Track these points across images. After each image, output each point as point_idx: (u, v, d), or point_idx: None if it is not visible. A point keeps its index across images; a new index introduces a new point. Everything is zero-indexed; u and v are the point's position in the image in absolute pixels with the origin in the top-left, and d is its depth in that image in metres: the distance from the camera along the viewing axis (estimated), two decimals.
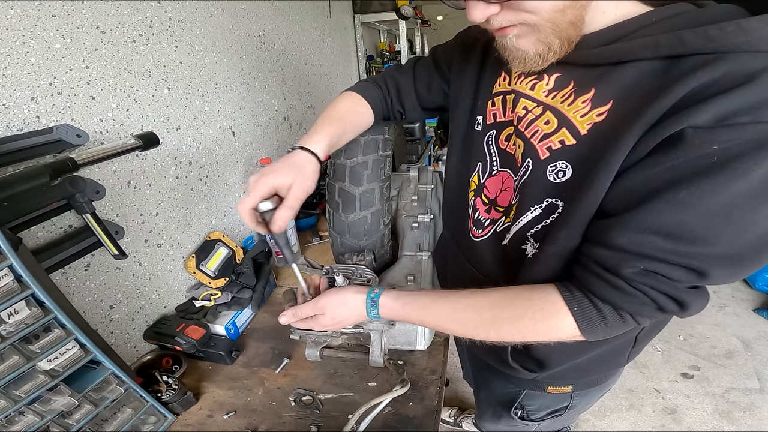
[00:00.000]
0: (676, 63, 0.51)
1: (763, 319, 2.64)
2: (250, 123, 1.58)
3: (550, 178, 0.63)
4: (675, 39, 0.50)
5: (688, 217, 0.49)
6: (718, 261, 0.51)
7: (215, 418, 0.96)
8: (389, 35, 4.25)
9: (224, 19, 1.40)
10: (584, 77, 0.60)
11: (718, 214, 0.48)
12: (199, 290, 1.23)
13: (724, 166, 0.46)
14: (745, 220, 0.48)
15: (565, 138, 0.61)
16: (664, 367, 2.34)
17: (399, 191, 1.28)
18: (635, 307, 0.58)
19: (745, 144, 0.45)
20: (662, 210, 0.50)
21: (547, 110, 0.64)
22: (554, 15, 0.54)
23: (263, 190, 0.72)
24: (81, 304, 0.95)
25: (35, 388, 0.69)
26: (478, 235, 0.82)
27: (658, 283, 0.54)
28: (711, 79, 0.47)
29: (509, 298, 0.68)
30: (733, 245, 0.50)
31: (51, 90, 0.85)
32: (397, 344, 1.01)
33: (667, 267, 0.53)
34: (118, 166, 1.01)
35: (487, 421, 1.18)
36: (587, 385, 0.92)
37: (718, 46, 0.47)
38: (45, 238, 0.87)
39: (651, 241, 0.52)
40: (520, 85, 0.69)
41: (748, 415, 2.06)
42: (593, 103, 0.58)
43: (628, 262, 0.54)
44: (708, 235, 0.49)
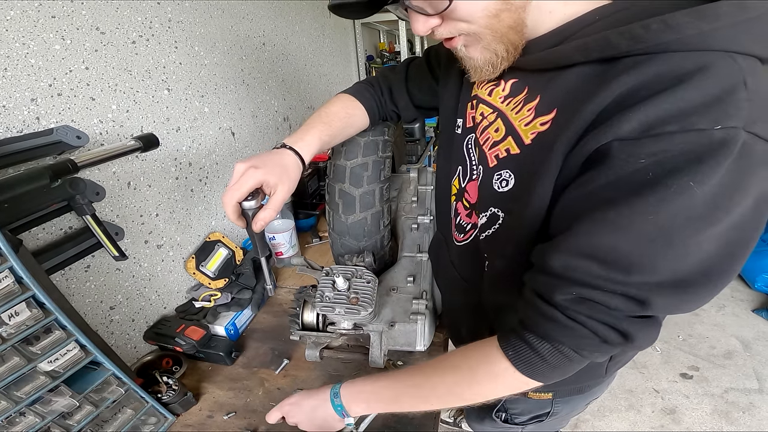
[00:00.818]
0: (612, 66, 0.47)
1: (762, 319, 2.64)
2: (249, 124, 1.58)
3: (495, 186, 0.62)
4: (602, 41, 0.46)
5: (621, 240, 0.45)
6: (660, 289, 0.46)
7: (215, 418, 0.96)
8: (389, 36, 4.24)
9: (224, 19, 1.40)
10: (536, 83, 0.57)
11: (654, 238, 0.43)
12: (198, 291, 1.23)
13: (656, 184, 0.41)
14: (687, 244, 0.43)
15: (510, 147, 0.59)
16: (664, 368, 2.34)
17: (399, 192, 1.28)
18: (575, 341, 0.53)
19: (677, 157, 0.41)
20: (592, 232, 0.46)
21: (499, 117, 0.63)
22: (490, 21, 0.52)
23: (250, 184, 0.71)
24: (81, 306, 0.95)
25: (36, 389, 0.69)
26: (461, 239, 0.80)
27: (594, 312, 0.50)
28: (639, 82, 0.43)
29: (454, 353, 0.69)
30: (676, 272, 0.45)
31: (51, 91, 0.85)
32: (397, 345, 1.01)
33: (603, 294, 0.48)
34: (118, 167, 1.01)
35: (473, 421, 1.18)
36: (568, 393, 0.89)
37: (646, 46, 0.43)
38: (45, 240, 0.87)
39: (584, 266, 0.47)
40: (480, 90, 0.69)
41: (747, 415, 2.06)
42: (537, 111, 0.55)
43: (560, 288, 0.50)
44: (645, 262, 0.45)
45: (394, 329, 0.97)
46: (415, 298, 0.99)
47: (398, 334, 0.98)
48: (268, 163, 0.74)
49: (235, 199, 0.71)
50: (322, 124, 0.86)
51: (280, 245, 1.44)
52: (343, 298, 0.89)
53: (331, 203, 1.06)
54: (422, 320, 0.97)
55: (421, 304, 0.98)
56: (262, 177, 0.72)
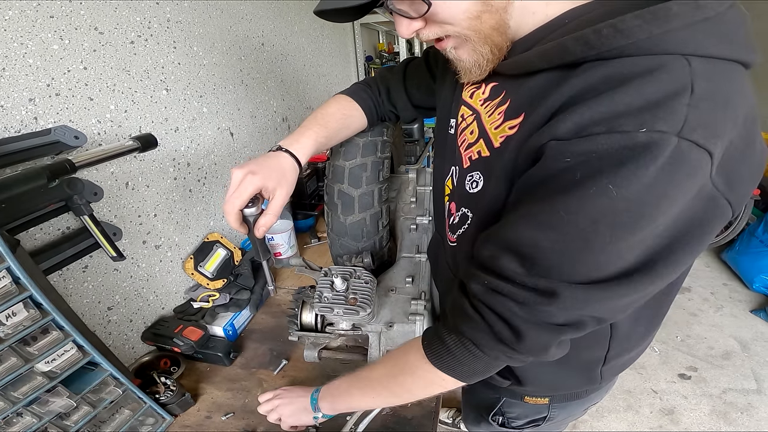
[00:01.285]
0: (571, 71, 0.46)
1: (760, 320, 2.64)
2: (248, 124, 1.58)
3: (467, 187, 0.63)
4: (559, 47, 0.46)
5: (541, 237, 0.45)
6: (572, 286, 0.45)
7: (213, 419, 0.96)
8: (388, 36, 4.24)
9: (223, 20, 1.40)
10: (510, 87, 0.57)
11: (573, 239, 0.43)
12: (197, 291, 1.23)
13: (580, 185, 0.41)
14: (606, 250, 0.43)
15: (482, 149, 0.60)
16: (662, 368, 2.35)
17: (397, 193, 1.28)
18: (474, 334, 0.54)
19: (600, 159, 0.40)
20: (516, 225, 0.47)
21: (475, 120, 0.63)
22: (472, 23, 0.52)
23: (249, 191, 0.71)
24: (79, 306, 0.95)
25: (33, 390, 0.69)
26: (453, 239, 0.78)
27: (496, 304, 0.50)
28: (587, 85, 0.43)
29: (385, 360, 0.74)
30: (591, 275, 0.45)
31: (49, 91, 0.85)
32: (396, 346, 1.00)
33: (513, 287, 0.48)
34: (116, 167, 1.01)
35: (470, 424, 1.17)
36: (564, 399, 0.89)
37: (599, 52, 0.42)
38: (43, 240, 0.87)
39: (505, 259, 0.48)
40: (464, 92, 0.69)
41: (746, 415, 2.06)
42: (506, 115, 0.56)
43: (476, 277, 0.52)
44: (563, 261, 0.45)
45: (393, 330, 0.96)
46: (414, 298, 0.99)
47: (397, 334, 0.98)
48: (265, 168, 0.74)
49: (236, 207, 0.71)
50: (318, 126, 0.86)
51: (279, 246, 1.44)
52: (342, 298, 0.89)
53: (329, 204, 1.06)
54: (421, 321, 0.96)
55: (419, 304, 0.97)
56: (261, 182, 0.72)
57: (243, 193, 0.71)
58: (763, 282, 2.75)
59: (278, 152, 0.79)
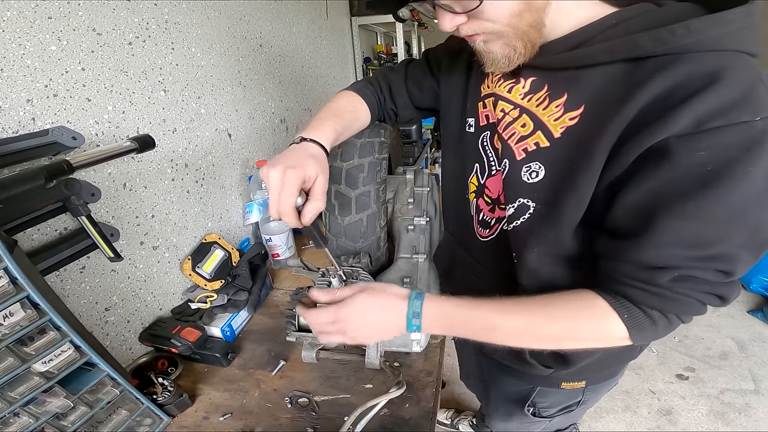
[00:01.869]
0: (639, 65, 0.53)
1: (758, 320, 2.65)
2: (246, 125, 1.58)
3: (524, 178, 0.65)
4: (629, 43, 0.52)
5: (702, 227, 0.51)
6: (740, 258, 0.52)
7: (211, 419, 0.96)
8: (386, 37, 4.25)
9: (221, 21, 1.41)
10: (557, 81, 0.62)
11: (732, 219, 0.50)
12: (195, 292, 1.23)
13: (722, 174, 0.47)
14: (759, 217, 0.50)
15: (540, 140, 0.63)
16: (660, 369, 2.35)
17: (395, 194, 1.28)
18: (681, 308, 0.59)
19: (731, 148, 0.47)
20: (675, 226, 0.52)
21: (524, 113, 0.66)
22: (513, 20, 0.56)
23: (296, 185, 0.68)
24: (76, 306, 0.95)
25: (30, 390, 0.69)
26: (486, 235, 0.82)
27: (695, 284, 0.56)
28: (675, 83, 0.49)
29: (558, 301, 0.66)
30: (752, 241, 0.52)
31: (47, 92, 0.85)
32: (393, 346, 1.01)
33: (698, 271, 0.54)
34: (113, 168, 1.01)
35: (498, 420, 1.17)
36: (600, 380, 0.93)
37: (669, 48, 0.49)
38: (40, 241, 0.87)
39: (675, 253, 0.53)
40: (499, 88, 0.72)
41: (743, 416, 2.07)
42: (566, 107, 0.60)
43: (661, 274, 0.56)
44: (726, 239, 0.51)
45: None
46: None
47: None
48: (299, 159, 0.72)
49: (291, 204, 0.69)
50: (334, 117, 0.85)
51: (277, 247, 1.44)
52: None
53: (327, 204, 1.07)
54: None
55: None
56: (303, 173, 0.70)
57: (291, 188, 0.68)
58: (761, 282, 2.76)
59: (303, 143, 0.77)
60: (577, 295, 0.65)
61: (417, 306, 0.69)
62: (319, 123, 0.82)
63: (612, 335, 0.62)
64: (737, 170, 0.47)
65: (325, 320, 0.73)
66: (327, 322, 0.73)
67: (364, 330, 0.72)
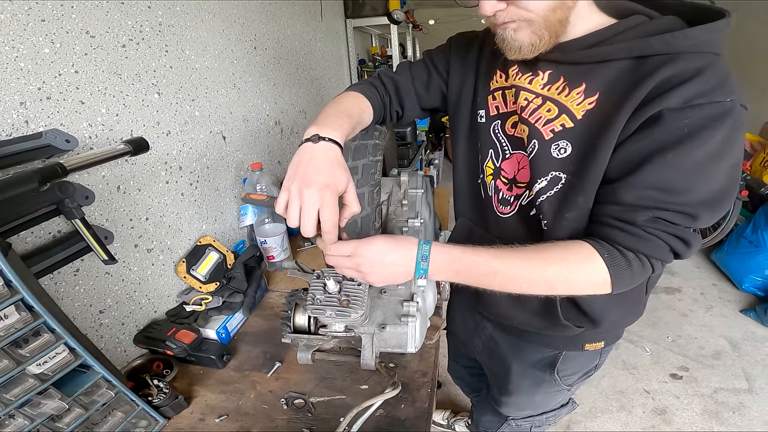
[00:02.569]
0: (643, 62, 0.67)
1: (750, 319, 2.68)
2: (241, 128, 1.59)
3: (554, 154, 0.75)
4: (644, 44, 0.66)
5: (674, 174, 0.64)
6: (700, 206, 0.65)
7: (207, 421, 0.96)
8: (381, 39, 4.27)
9: (215, 23, 1.41)
10: (572, 74, 0.74)
11: (694, 171, 0.64)
12: (189, 295, 1.23)
13: (694, 135, 0.62)
14: (710, 173, 0.64)
15: (565, 122, 0.74)
16: (654, 368, 2.37)
17: (389, 196, 1.28)
18: (652, 250, 0.69)
19: (705, 118, 0.61)
20: (655, 170, 0.65)
21: (547, 100, 0.76)
22: (547, 13, 0.67)
23: (335, 203, 0.69)
24: (70, 309, 0.95)
25: (25, 392, 0.69)
26: (506, 211, 0.91)
27: (666, 227, 0.67)
28: (671, 73, 0.63)
29: (550, 247, 0.75)
30: (706, 193, 0.65)
31: (40, 95, 0.85)
32: (389, 347, 1.01)
33: (669, 213, 0.66)
34: (107, 171, 1.01)
35: (522, 395, 1.18)
36: (613, 339, 1.04)
37: (672, 48, 0.64)
38: (34, 243, 0.86)
39: (651, 195, 0.66)
40: (519, 80, 0.81)
41: (737, 415, 2.09)
42: (585, 94, 0.72)
43: (639, 213, 0.67)
44: (688, 187, 0.64)
45: (385, 331, 0.97)
46: (405, 300, 1.00)
47: (389, 336, 0.98)
48: (329, 172, 0.70)
49: (336, 225, 0.71)
50: (345, 116, 0.83)
51: (272, 249, 1.44)
52: (334, 300, 0.89)
53: None
54: (413, 322, 0.97)
55: (411, 306, 0.98)
56: (337, 189, 0.69)
57: (332, 208, 0.68)
58: (753, 282, 2.79)
59: (321, 144, 0.73)
60: (567, 243, 0.75)
61: (426, 250, 0.76)
62: (332, 121, 0.80)
63: (596, 276, 0.71)
64: (705, 133, 0.61)
65: (344, 252, 0.76)
66: (345, 255, 0.77)
67: (377, 268, 0.76)
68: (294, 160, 0.73)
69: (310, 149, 0.73)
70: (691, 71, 0.62)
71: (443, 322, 1.22)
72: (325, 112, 0.84)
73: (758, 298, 2.82)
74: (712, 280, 3.08)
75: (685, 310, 2.78)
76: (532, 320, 0.97)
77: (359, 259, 0.75)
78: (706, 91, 0.61)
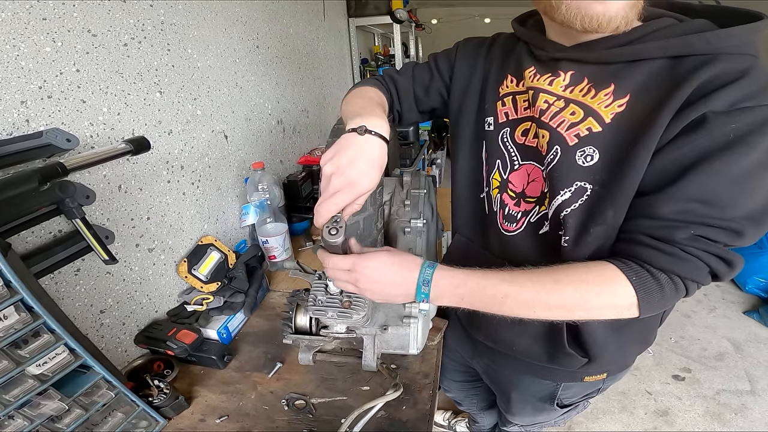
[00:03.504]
0: (679, 62, 0.62)
1: (753, 321, 2.66)
2: (243, 127, 1.58)
3: (579, 162, 0.69)
4: (683, 42, 0.61)
5: (720, 184, 0.58)
6: (746, 221, 0.59)
7: (207, 422, 0.96)
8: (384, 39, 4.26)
9: (217, 22, 1.40)
10: (598, 74, 0.68)
11: (741, 181, 0.58)
12: (191, 295, 1.22)
13: (742, 141, 0.56)
14: (757, 184, 0.58)
15: (592, 126, 0.68)
16: (656, 369, 2.36)
17: (392, 196, 1.28)
18: (690, 272, 0.62)
19: (754, 123, 0.56)
20: (699, 180, 0.59)
21: (570, 103, 0.70)
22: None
23: (350, 200, 0.68)
24: (71, 309, 0.94)
25: (24, 393, 0.68)
26: (512, 229, 0.84)
27: (707, 246, 0.61)
28: (713, 74, 0.58)
29: (565, 269, 0.68)
30: (752, 206, 0.59)
31: (41, 93, 0.85)
32: (390, 348, 1.00)
33: (712, 230, 0.60)
34: (108, 170, 1.00)
35: (526, 416, 1.18)
36: (619, 370, 0.99)
37: (713, 48, 0.60)
38: (35, 243, 0.86)
39: (693, 209, 0.59)
40: (537, 82, 0.75)
41: (740, 417, 2.08)
42: (615, 95, 0.66)
43: (679, 230, 0.61)
44: (734, 199, 0.58)
45: (387, 333, 0.96)
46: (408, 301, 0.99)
47: (391, 337, 0.98)
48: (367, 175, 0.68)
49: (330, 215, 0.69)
50: (381, 108, 0.81)
51: (274, 249, 1.44)
52: (336, 301, 0.88)
53: None
54: (415, 324, 0.96)
55: (413, 307, 0.97)
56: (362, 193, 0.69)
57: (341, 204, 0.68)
58: (756, 283, 2.78)
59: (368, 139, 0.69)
60: (586, 264, 0.68)
61: (428, 274, 0.70)
62: (372, 110, 0.76)
63: (621, 300, 0.64)
64: (753, 139, 0.56)
65: (342, 266, 0.73)
66: (343, 269, 0.73)
67: (375, 286, 0.72)
68: (336, 150, 0.69)
69: (356, 144, 0.68)
70: (735, 72, 0.58)
71: (445, 323, 1.22)
72: (359, 103, 0.81)
73: (762, 300, 2.81)
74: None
75: (688, 311, 2.77)
76: (533, 347, 0.91)
77: (357, 275, 0.72)
78: (754, 94, 0.57)
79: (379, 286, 0.72)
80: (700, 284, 0.65)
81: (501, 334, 0.95)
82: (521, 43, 0.83)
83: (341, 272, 0.74)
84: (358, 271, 0.72)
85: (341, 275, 0.74)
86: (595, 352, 0.83)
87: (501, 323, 0.89)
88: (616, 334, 0.83)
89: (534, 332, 0.88)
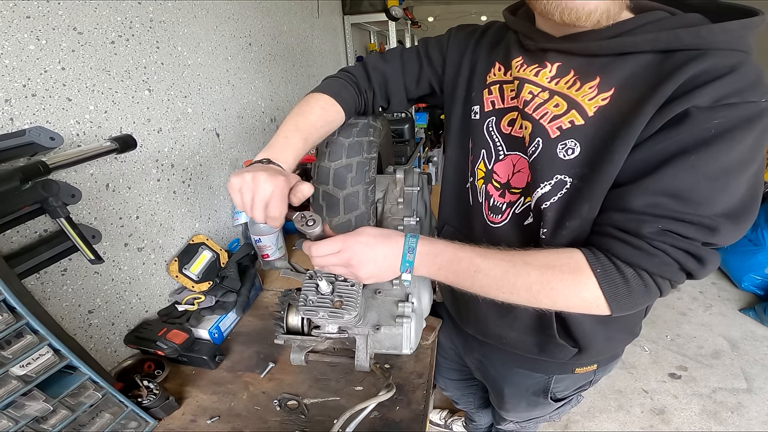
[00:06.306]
0: (668, 57, 0.61)
1: (749, 318, 2.67)
2: (235, 125, 1.57)
3: (560, 155, 0.68)
4: (672, 36, 0.60)
5: (695, 179, 0.57)
6: (721, 218, 0.58)
7: (198, 422, 0.95)
8: (379, 36, 4.24)
9: (208, 20, 1.39)
10: (585, 66, 0.68)
11: (718, 177, 0.57)
12: (182, 294, 1.21)
13: (723, 137, 0.56)
14: (734, 181, 0.57)
15: (575, 119, 0.67)
16: (652, 368, 2.36)
17: (384, 194, 1.27)
18: (657, 267, 0.62)
19: (737, 119, 0.55)
20: (674, 174, 0.58)
21: (555, 95, 0.70)
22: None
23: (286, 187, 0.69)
24: (58, 309, 0.93)
25: (8, 394, 0.68)
26: (498, 220, 0.83)
27: (676, 241, 0.60)
28: (701, 69, 0.57)
29: (537, 252, 0.69)
30: (728, 203, 0.58)
31: (25, 92, 0.84)
32: (383, 348, 0.99)
33: (682, 225, 0.59)
34: (95, 169, 0.99)
35: (521, 411, 1.18)
36: (608, 361, 0.99)
37: (703, 42, 0.59)
38: (19, 243, 0.85)
39: (664, 203, 0.59)
40: (524, 72, 0.74)
41: (736, 415, 2.08)
42: (599, 89, 0.66)
43: (647, 223, 0.60)
44: (709, 195, 0.57)
45: (380, 333, 0.95)
46: (401, 301, 0.98)
47: (384, 337, 0.97)
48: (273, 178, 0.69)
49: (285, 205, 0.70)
50: (302, 140, 0.81)
51: (266, 248, 1.43)
52: (327, 301, 0.87)
53: (314, 205, 1.05)
54: (408, 323, 0.95)
55: (406, 307, 0.97)
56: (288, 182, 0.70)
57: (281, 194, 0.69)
58: (752, 281, 2.78)
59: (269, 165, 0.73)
60: (559, 250, 0.69)
61: (412, 242, 0.73)
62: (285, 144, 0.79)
63: (584, 291, 0.64)
64: (735, 135, 0.55)
65: (331, 250, 0.73)
66: (332, 252, 0.73)
67: (367, 264, 0.73)
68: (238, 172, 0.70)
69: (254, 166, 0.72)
70: (724, 68, 0.57)
71: (439, 323, 1.21)
72: (285, 128, 0.82)
73: (758, 297, 2.81)
74: (711, 278, 3.06)
75: (684, 308, 2.77)
76: (523, 339, 0.91)
77: (349, 253, 0.72)
78: (740, 90, 0.56)
79: (370, 264, 0.73)
80: (673, 282, 0.64)
81: (491, 326, 0.95)
82: (511, 33, 0.82)
83: (331, 256, 0.74)
84: (349, 248, 0.72)
85: (331, 259, 0.74)
86: (584, 342, 0.84)
87: (489, 315, 0.92)
88: (603, 325, 0.84)
89: (523, 324, 0.88)
